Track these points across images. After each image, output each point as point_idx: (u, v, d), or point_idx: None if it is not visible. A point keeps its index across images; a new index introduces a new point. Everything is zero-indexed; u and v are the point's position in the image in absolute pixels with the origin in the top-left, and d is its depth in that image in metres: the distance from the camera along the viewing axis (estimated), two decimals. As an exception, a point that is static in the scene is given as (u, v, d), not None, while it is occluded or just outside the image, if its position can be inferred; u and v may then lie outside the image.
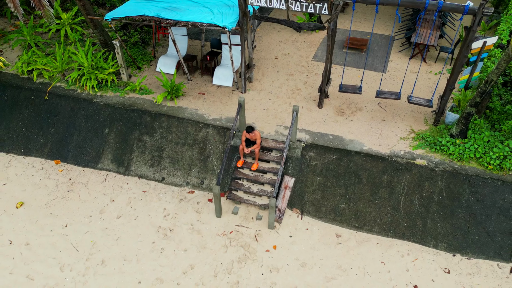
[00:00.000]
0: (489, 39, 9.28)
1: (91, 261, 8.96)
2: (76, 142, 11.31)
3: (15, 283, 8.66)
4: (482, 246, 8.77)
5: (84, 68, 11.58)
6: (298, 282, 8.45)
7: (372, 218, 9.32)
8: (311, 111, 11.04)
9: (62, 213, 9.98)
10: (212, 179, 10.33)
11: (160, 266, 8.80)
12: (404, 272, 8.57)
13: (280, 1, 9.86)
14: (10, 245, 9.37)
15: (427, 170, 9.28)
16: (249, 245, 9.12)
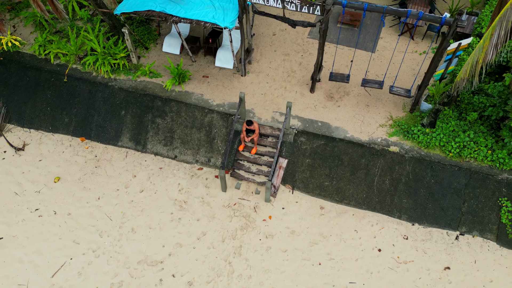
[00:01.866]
0: (464, 41, 10.38)
1: (123, 228, 11.21)
2: (97, 122, 12.91)
3: (64, 246, 11.00)
4: (436, 218, 10.94)
5: (97, 53, 12.67)
6: (288, 246, 10.78)
7: (350, 194, 11.37)
8: (304, 96, 12.45)
9: (93, 187, 12.00)
10: (218, 158, 12.17)
11: (179, 233, 11.08)
12: (372, 238, 10.87)
13: (277, 1, 10.71)
14: (55, 215, 11.56)
15: (398, 156, 11.09)
16: (250, 216, 11.31)
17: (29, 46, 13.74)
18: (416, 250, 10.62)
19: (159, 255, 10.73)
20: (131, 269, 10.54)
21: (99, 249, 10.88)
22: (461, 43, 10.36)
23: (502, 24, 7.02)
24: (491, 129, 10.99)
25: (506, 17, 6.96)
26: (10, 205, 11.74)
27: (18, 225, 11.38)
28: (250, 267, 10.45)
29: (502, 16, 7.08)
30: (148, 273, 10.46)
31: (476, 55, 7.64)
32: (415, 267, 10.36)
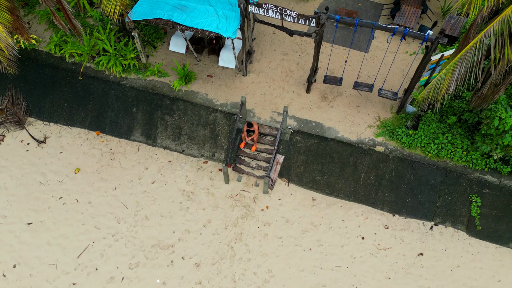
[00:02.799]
0: (446, 52, 11.37)
1: (138, 216, 12.74)
2: (111, 117, 14.14)
3: (87, 231, 12.57)
4: (414, 210, 12.38)
5: (109, 54, 13.69)
6: (282, 233, 12.32)
7: (339, 188, 12.77)
8: (300, 96, 13.56)
9: (110, 178, 13.43)
10: (221, 153, 13.48)
11: (187, 221, 12.60)
12: (357, 227, 12.37)
13: (276, 13, 11.61)
14: (77, 203, 13.06)
15: (383, 155, 12.37)
16: (249, 205, 12.78)
17: (44, 43, 14.69)
18: (394, 238, 12.14)
19: (170, 240, 12.30)
20: (146, 252, 12.15)
21: (118, 234, 12.45)
22: (444, 54, 11.35)
23: (462, 63, 8.04)
24: (468, 132, 12.17)
25: (466, 57, 7.97)
26: (37, 193, 13.22)
27: (45, 211, 12.91)
28: (249, 251, 12.03)
29: (462, 56, 8.09)
30: (161, 255, 12.07)
31: (438, 83, 8.67)
32: (393, 253, 11.92)
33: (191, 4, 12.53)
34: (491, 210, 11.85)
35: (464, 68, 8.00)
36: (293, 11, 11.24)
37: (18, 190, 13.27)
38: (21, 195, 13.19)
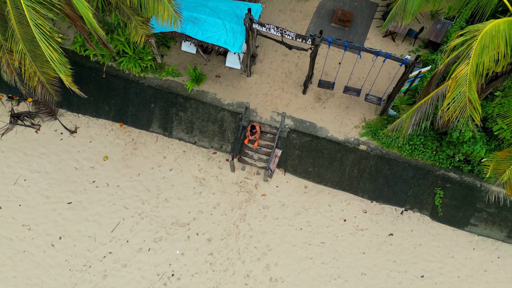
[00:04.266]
0: (424, 69, 13.19)
1: (159, 199, 15.34)
2: (132, 111, 16.24)
3: (118, 210, 15.25)
4: (389, 198, 14.89)
5: (129, 55, 15.47)
6: (279, 215, 14.97)
7: (327, 178, 15.19)
8: (297, 97, 15.53)
9: (134, 165, 15.86)
10: (228, 145, 15.75)
11: (200, 203, 15.21)
12: (340, 211, 14.97)
13: (276, 31, 13.26)
14: (107, 186, 15.61)
15: (365, 153, 14.63)
16: (252, 191, 15.31)
17: (69, 41, 16.38)
18: (371, 221, 14.78)
19: (186, 219, 15.01)
20: (167, 228, 14.91)
21: (143, 213, 15.14)
22: (421, 71, 13.18)
23: (419, 111, 9.97)
24: (438, 134, 14.28)
25: (421, 108, 9.89)
26: (73, 177, 15.75)
27: (81, 193, 15.52)
28: (251, 229, 14.76)
29: (418, 106, 10.00)
30: (179, 231, 14.84)
31: (400, 124, 10.54)
32: (368, 233, 14.63)
33: (202, 16, 14.07)
34: (451, 200, 14.33)
35: (419, 116, 9.94)
36: (292, 32, 12.88)
37: (57, 174, 15.77)
38: (60, 178, 15.72)
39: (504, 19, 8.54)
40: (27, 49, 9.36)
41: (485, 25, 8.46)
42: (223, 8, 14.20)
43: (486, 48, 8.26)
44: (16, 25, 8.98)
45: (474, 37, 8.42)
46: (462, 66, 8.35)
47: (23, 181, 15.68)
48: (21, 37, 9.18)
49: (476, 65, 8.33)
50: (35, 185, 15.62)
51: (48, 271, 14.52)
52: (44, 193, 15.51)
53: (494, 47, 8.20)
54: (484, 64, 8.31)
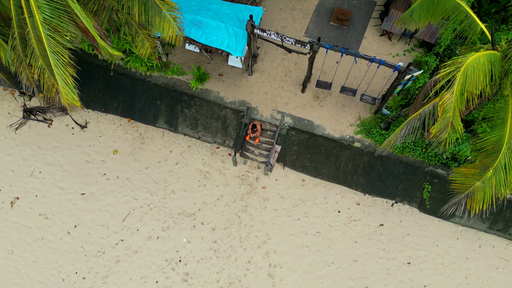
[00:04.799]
0: (415, 73, 13.96)
1: (166, 190, 16.46)
2: (139, 108, 17.11)
3: (128, 201, 16.40)
4: (381, 191, 15.98)
5: (135, 55, 16.18)
6: (278, 207, 16.12)
7: (324, 172, 16.24)
8: (296, 96, 16.34)
9: (142, 159, 16.88)
10: (230, 141, 16.71)
11: (204, 195, 16.33)
12: (335, 203, 16.11)
13: (277, 37, 13.93)
14: (118, 178, 16.69)
15: (359, 150, 15.61)
16: (253, 184, 16.40)
17: (77, 39, 17.01)
18: (363, 212, 15.94)
19: (192, 209, 16.18)
20: (174, 218, 16.10)
21: (151, 204, 16.29)
22: (413, 75, 13.95)
23: (408, 126, 10.83)
24: (428, 133, 15.18)
25: (411, 123, 10.76)
26: (85, 170, 16.81)
27: (93, 185, 16.62)
28: (252, 220, 15.95)
29: (408, 121, 10.86)
30: (185, 221, 16.04)
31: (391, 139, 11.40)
32: (361, 224, 15.82)
33: (205, 20, 14.70)
34: (438, 194, 15.43)
35: (408, 130, 10.83)
36: (291, 38, 13.57)
37: (70, 167, 16.83)
38: (73, 171, 16.79)
39: (484, 52, 9.31)
40: (46, 65, 10.15)
41: (467, 57, 9.24)
42: (226, 11, 14.79)
43: (469, 78, 9.07)
44: (35, 44, 9.75)
45: (458, 68, 9.22)
46: (448, 94, 9.19)
47: (38, 173, 16.74)
48: (40, 54, 9.96)
49: (460, 93, 9.17)
50: (50, 177, 16.70)
51: (65, 257, 15.82)
52: (58, 185, 16.61)
53: (475, 77, 9.02)
54: (467, 91, 9.17)
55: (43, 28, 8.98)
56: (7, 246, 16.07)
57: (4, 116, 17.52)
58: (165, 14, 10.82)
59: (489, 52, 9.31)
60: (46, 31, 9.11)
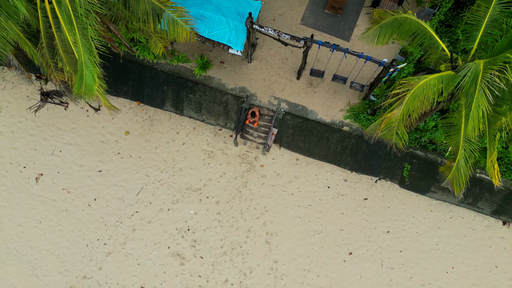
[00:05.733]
0: (400, 66, 15.41)
1: (175, 168, 18.40)
2: (147, 92, 18.63)
3: (140, 177, 18.40)
4: (366, 169, 17.94)
5: (143, 44, 17.47)
6: (274, 183, 18.15)
7: (316, 152, 18.10)
8: (292, 82, 17.83)
9: (152, 140, 18.67)
10: (231, 123, 18.40)
11: (209, 172, 18.30)
12: (325, 180, 18.12)
13: (274, 32, 15.22)
14: (131, 157, 18.57)
15: (347, 133, 17.36)
16: (252, 162, 18.32)
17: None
18: (350, 188, 18.00)
19: (198, 185, 18.21)
20: (182, 193, 18.18)
21: (162, 180, 18.30)
22: (398, 67, 15.40)
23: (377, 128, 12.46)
24: (410, 119, 16.86)
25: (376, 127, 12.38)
26: (101, 149, 18.65)
27: (109, 163, 18.53)
28: (252, 194, 18.04)
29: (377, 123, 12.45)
30: (192, 195, 18.13)
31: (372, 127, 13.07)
32: (347, 198, 17.92)
33: (208, 14, 15.87)
34: (416, 172, 17.40)
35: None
36: (287, 34, 14.87)
37: (87, 146, 18.65)
38: (90, 150, 18.63)
39: (435, 75, 10.77)
40: (72, 70, 11.65)
41: (420, 79, 10.72)
42: (227, 5, 15.93)
43: (417, 97, 10.62)
44: (63, 54, 11.20)
45: (408, 90, 10.74)
46: (395, 110, 10.80)
47: (58, 152, 18.60)
48: (67, 62, 11.43)
49: (407, 109, 10.78)
50: (69, 155, 18.58)
51: (87, 226, 18.07)
52: (78, 162, 18.52)
53: (423, 96, 10.58)
54: (414, 107, 10.78)
55: (74, 47, 10.39)
56: (35, 217, 18.26)
57: (23, 99, 19.07)
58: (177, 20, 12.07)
59: (440, 75, 10.80)
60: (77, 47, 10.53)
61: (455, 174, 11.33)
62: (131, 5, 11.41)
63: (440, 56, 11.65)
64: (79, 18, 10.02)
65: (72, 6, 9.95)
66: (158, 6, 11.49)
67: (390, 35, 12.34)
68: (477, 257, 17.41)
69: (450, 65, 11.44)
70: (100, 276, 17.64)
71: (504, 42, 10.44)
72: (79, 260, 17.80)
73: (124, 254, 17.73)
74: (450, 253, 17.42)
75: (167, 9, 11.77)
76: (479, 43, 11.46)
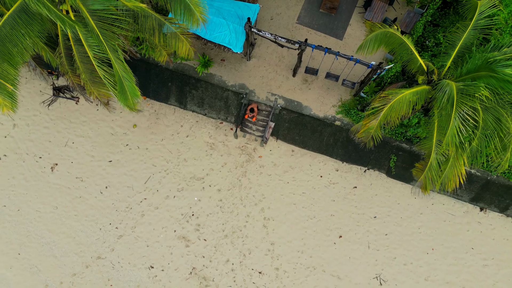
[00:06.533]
0: (387, 67, 16.68)
1: (179, 159, 19.93)
2: (153, 88, 19.93)
3: (148, 167, 19.96)
4: (356, 160, 19.47)
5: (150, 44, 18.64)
6: (271, 172, 19.72)
7: (310, 144, 19.57)
8: (288, 79, 19.12)
9: (158, 132, 20.11)
10: (232, 117, 19.79)
11: (211, 163, 19.84)
12: (318, 169, 19.68)
13: (271, 35, 16.41)
14: (138, 149, 20.08)
15: (339, 127, 18.80)
16: (251, 154, 19.84)
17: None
18: (341, 177, 19.58)
19: (201, 174, 19.79)
20: (186, 181, 19.78)
21: (168, 170, 19.87)
22: (386, 68, 16.67)
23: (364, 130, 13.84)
24: (397, 114, 18.24)
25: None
26: (110, 141, 20.12)
27: (118, 153, 20.05)
28: (250, 183, 19.64)
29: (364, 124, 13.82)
30: (196, 184, 19.74)
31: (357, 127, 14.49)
32: (338, 186, 19.54)
33: (209, 17, 16.99)
34: (402, 163, 18.93)
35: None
36: (283, 38, 16.06)
37: (98, 138, 20.12)
38: (100, 142, 20.11)
39: (411, 90, 12.09)
40: (88, 78, 12.97)
41: (398, 94, 12.03)
42: (227, 8, 17.03)
43: (394, 109, 11.98)
44: (79, 64, 12.50)
45: (385, 104, 12.08)
46: (373, 121, 12.17)
47: (71, 143, 20.08)
48: (83, 70, 12.75)
49: (384, 118, 12.14)
50: (81, 147, 20.07)
51: (100, 211, 19.76)
52: (89, 153, 20.03)
53: (399, 108, 11.93)
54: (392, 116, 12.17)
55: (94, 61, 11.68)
56: (52, 203, 19.93)
57: (37, 94, 20.38)
58: (179, 36, 13.31)
59: (416, 90, 12.14)
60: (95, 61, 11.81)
61: (428, 174, 12.84)
62: (140, 21, 12.58)
63: (418, 68, 12.93)
64: (109, 42, 11.28)
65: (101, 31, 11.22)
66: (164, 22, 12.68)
67: (378, 46, 13.57)
68: (455, 240, 19.18)
69: (426, 78, 12.75)
70: (113, 256, 19.46)
71: (471, 66, 11.73)
72: (93, 242, 19.57)
73: (134, 237, 19.49)
74: (431, 236, 19.17)
75: (171, 24, 12.94)
76: (453, 61, 12.74)
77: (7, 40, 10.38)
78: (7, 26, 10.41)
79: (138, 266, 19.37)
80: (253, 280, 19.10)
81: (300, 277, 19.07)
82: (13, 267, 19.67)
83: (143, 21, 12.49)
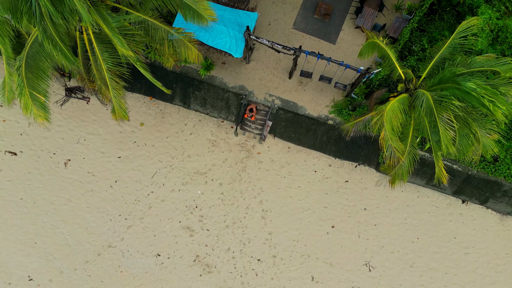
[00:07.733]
0: (375, 70, 18.11)
1: (184, 155, 21.46)
2: (159, 89, 21.28)
3: (154, 163, 21.49)
4: (348, 156, 20.99)
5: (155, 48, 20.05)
6: (269, 167, 21.26)
7: (304, 141, 21.08)
8: (284, 81, 20.56)
9: (163, 130, 21.61)
10: (232, 116, 21.27)
11: (213, 159, 21.37)
12: (312, 165, 21.22)
13: (268, 42, 17.81)
14: (145, 145, 21.59)
15: (332, 126, 20.29)
16: (250, 150, 21.36)
17: (104, 32, 20.67)
18: (333, 172, 21.13)
19: (204, 169, 21.33)
20: (190, 176, 21.33)
21: (173, 165, 21.41)
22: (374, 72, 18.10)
23: (356, 126, 15.30)
24: (385, 114, 19.71)
25: (358, 124, 15.23)
26: (119, 138, 21.63)
27: (127, 150, 21.56)
28: (250, 177, 21.20)
29: (356, 122, 15.28)
30: (199, 178, 21.29)
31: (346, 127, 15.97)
32: (331, 180, 21.09)
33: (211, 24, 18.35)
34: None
35: (357, 128, 15.39)
36: (280, 44, 17.47)
37: (107, 136, 21.62)
38: (110, 139, 21.62)
39: (395, 99, 13.54)
40: (102, 84, 14.44)
41: (386, 105, 13.51)
42: (228, 16, 18.40)
43: (391, 117, 13.42)
44: (96, 72, 13.96)
45: (381, 116, 13.51)
46: (383, 132, 13.55)
47: (83, 140, 21.58)
48: (98, 78, 14.20)
49: (391, 127, 13.54)
50: (92, 144, 21.58)
51: (110, 204, 21.34)
52: (100, 150, 21.55)
53: (395, 116, 13.39)
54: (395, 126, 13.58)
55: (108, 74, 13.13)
56: (65, 196, 21.50)
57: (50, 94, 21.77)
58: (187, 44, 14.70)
59: (399, 98, 13.59)
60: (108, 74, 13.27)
61: (398, 172, 14.36)
62: (151, 32, 14.00)
63: (398, 76, 14.39)
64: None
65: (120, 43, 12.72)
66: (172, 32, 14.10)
67: (372, 52, 15.03)
68: (438, 230, 20.79)
69: (404, 86, 14.22)
70: (123, 245, 21.09)
71: (442, 77, 13.20)
72: (105, 232, 21.19)
73: (142, 227, 21.11)
74: (416, 226, 20.78)
75: (179, 34, 14.36)
76: (428, 73, 14.20)
77: (37, 57, 11.81)
78: (36, 43, 11.84)
79: (146, 254, 21.01)
80: (252, 267, 20.76)
81: (296, 264, 20.72)
82: (30, 255, 21.30)
83: (153, 33, 13.87)
